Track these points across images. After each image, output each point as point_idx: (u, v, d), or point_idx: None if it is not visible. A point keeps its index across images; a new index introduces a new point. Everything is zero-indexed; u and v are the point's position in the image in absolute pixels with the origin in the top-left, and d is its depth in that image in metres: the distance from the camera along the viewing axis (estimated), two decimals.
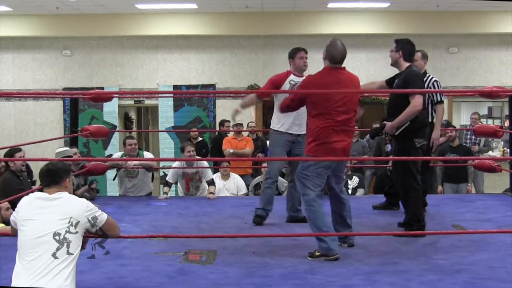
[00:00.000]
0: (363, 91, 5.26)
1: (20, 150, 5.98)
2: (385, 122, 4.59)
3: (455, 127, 8.11)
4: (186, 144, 6.69)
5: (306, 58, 5.08)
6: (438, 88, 5.35)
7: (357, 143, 8.14)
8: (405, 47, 4.64)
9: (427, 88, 5.29)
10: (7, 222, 4.38)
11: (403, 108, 4.45)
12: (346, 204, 4.25)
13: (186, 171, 6.58)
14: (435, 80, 5.35)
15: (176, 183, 6.75)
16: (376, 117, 9.27)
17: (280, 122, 5.06)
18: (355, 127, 8.24)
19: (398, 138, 4.57)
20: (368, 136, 8.12)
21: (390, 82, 4.81)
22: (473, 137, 8.35)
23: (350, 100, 4.05)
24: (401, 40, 4.71)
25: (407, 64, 4.63)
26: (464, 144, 8.31)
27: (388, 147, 4.71)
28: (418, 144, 4.52)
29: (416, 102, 4.39)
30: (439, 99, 5.31)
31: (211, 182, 6.60)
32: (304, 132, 4.92)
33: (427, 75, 5.39)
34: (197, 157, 7.09)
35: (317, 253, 3.93)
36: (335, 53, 4.10)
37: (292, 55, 5.11)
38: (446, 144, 7.87)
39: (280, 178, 6.90)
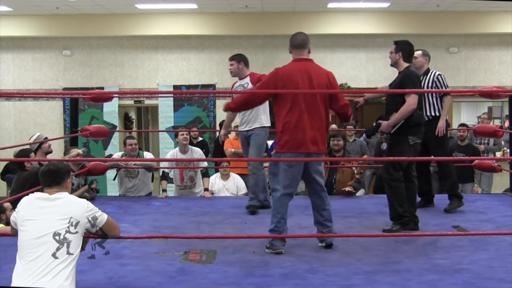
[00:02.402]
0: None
1: (31, 150, 6.00)
2: (380, 121, 4.63)
3: (468, 127, 8.06)
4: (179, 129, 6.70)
5: (231, 65, 5.72)
6: (443, 80, 5.39)
7: (355, 143, 8.12)
8: (404, 49, 4.72)
9: (432, 82, 5.35)
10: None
11: (398, 106, 4.54)
12: (326, 201, 4.20)
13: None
14: (439, 74, 5.41)
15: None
16: (376, 117, 9.25)
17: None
18: (351, 126, 8.29)
19: (394, 135, 4.63)
20: (364, 135, 8.12)
21: (391, 83, 4.90)
22: (482, 136, 8.22)
23: (319, 92, 4.10)
24: (400, 41, 4.78)
25: (406, 65, 4.73)
26: (476, 143, 8.25)
27: (384, 146, 4.71)
28: (412, 141, 4.59)
29: (411, 101, 4.48)
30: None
31: (205, 173, 6.63)
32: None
33: (431, 71, 5.45)
34: (198, 151, 7.02)
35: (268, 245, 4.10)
36: (293, 39, 4.20)
37: None
38: (454, 143, 7.84)
39: None
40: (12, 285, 2.85)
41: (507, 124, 10.42)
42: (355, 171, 6.50)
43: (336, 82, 4.28)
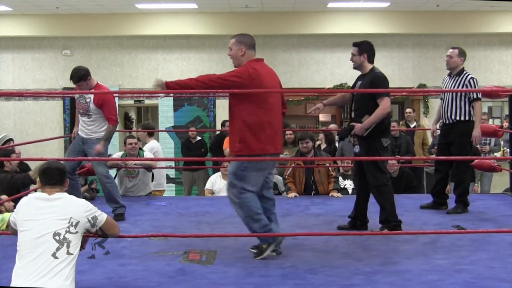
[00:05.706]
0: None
1: (14, 151, 6.00)
2: (353, 123, 4.58)
3: None
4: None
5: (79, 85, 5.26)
6: (475, 85, 5.23)
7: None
8: (368, 50, 4.70)
9: (462, 85, 5.22)
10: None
11: (369, 109, 4.47)
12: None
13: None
14: (472, 77, 5.26)
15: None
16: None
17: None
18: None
19: (366, 139, 4.55)
20: (337, 137, 8.07)
21: (353, 85, 4.83)
22: (483, 136, 8.14)
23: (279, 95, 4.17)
24: (362, 42, 4.73)
25: (371, 66, 4.68)
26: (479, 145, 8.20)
27: (357, 149, 4.66)
28: (385, 143, 4.56)
29: (386, 104, 4.43)
30: (475, 96, 5.21)
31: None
32: None
33: (464, 72, 5.31)
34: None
35: (264, 246, 3.88)
36: (249, 38, 4.32)
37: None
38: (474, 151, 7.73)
39: (278, 177, 6.86)
40: (12, 285, 2.85)
41: (505, 124, 10.41)
42: (330, 169, 6.38)
43: None
